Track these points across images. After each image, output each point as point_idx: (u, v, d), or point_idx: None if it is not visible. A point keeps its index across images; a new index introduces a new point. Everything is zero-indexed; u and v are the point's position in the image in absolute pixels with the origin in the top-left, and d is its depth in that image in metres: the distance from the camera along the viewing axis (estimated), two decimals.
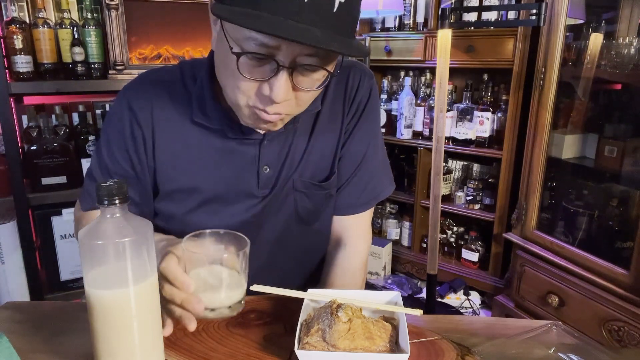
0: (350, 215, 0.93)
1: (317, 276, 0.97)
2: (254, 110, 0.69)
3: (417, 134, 2.51)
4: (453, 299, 2.33)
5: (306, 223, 0.90)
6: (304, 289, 0.72)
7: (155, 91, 0.80)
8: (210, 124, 0.79)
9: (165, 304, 0.63)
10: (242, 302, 0.67)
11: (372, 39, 2.53)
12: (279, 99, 0.64)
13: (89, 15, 1.60)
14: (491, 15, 2.16)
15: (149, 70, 0.84)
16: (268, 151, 0.82)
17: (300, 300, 0.70)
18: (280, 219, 0.88)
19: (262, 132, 0.80)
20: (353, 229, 0.94)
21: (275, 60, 0.62)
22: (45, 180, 1.60)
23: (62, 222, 1.65)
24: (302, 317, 0.67)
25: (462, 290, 2.36)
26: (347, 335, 0.61)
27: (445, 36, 1.74)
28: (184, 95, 0.80)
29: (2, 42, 1.54)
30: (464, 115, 2.31)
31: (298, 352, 0.59)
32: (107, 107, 1.80)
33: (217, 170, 0.82)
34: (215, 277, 0.65)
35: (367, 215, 0.95)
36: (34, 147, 1.57)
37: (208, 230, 0.68)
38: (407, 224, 2.65)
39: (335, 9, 0.59)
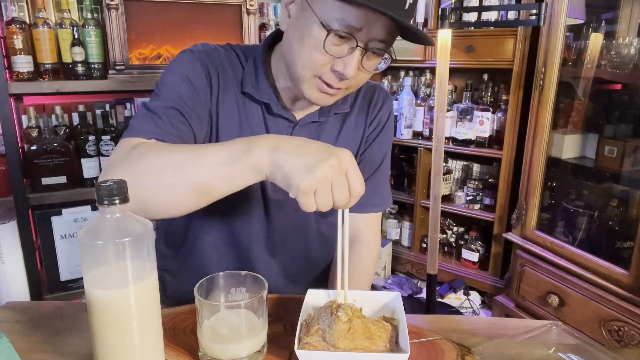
0: (365, 213, 1.01)
1: (327, 273, 1.02)
2: (319, 82, 0.77)
3: (417, 134, 2.51)
4: (453, 299, 2.33)
5: (322, 214, 0.96)
6: (316, 283, 0.73)
7: (218, 56, 0.86)
8: (258, 96, 0.85)
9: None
10: (263, 350, 0.63)
11: None
12: (351, 75, 0.74)
13: (89, 15, 1.60)
14: (491, 15, 2.16)
15: (200, 43, 0.89)
16: (298, 134, 0.88)
17: (300, 300, 0.70)
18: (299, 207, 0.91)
19: (297, 117, 0.88)
20: (367, 228, 1.01)
21: (355, 39, 0.71)
22: (45, 180, 1.60)
23: (62, 222, 1.65)
24: (302, 317, 0.67)
25: (462, 290, 2.36)
26: (347, 335, 0.61)
27: (445, 36, 1.73)
28: (237, 67, 0.87)
29: (2, 42, 1.54)
30: (464, 115, 2.31)
31: (298, 352, 0.59)
32: (107, 107, 1.80)
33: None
34: (233, 326, 0.61)
35: (378, 217, 1.05)
36: (34, 147, 1.57)
37: (221, 273, 0.66)
38: (407, 224, 2.65)
39: (407, 7, 0.71)
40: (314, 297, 0.71)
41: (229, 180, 0.63)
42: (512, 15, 2.10)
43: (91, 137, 1.66)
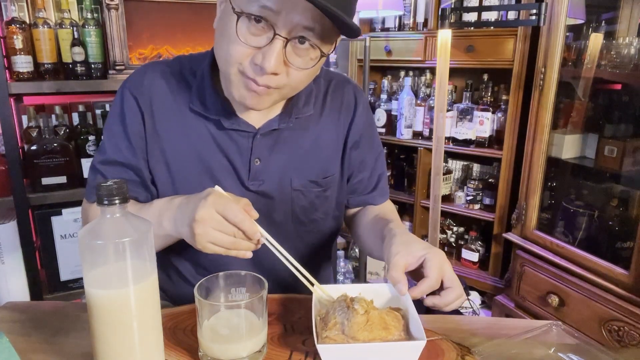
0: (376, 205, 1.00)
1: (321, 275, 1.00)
2: (244, 79, 0.71)
3: (417, 134, 2.51)
4: None
5: (302, 223, 0.93)
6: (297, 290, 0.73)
7: (154, 80, 0.84)
8: (207, 113, 0.83)
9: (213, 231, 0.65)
10: (263, 350, 0.63)
11: (372, 39, 2.52)
12: (270, 68, 0.67)
13: (89, 15, 1.60)
14: (491, 15, 2.16)
15: (148, 63, 0.89)
16: (260, 144, 0.85)
17: (300, 300, 0.70)
18: (276, 217, 0.90)
19: (256, 127, 0.84)
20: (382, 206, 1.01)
21: (273, 28, 0.66)
22: (45, 180, 1.59)
23: (62, 222, 1.64)
24: (315, 312, 0.67)
25: None
26: (366, 327, 0.62)
27: (445, 36, 1.74)
28: (182, 85, 0.85)
29: (2, 42, 1.54)
30: (464, 115, 2.31)
31: (319, 346, 0.59)
32: (107, 107, 1.80)
33: (212, 157, 0.85)
34: (233, 326, 0.61)
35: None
36: (34, 147, 1.57)
37: (221, 273, 0.66)
38: (407, 224, 2.65)
39: None
40: (321, 293, 0.72)
41: (158, 244, 0.76)
42: (512, 15, 2.10)
43: (91, 137, 1.66)
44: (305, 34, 0.67)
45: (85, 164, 1.66)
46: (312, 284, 0.71)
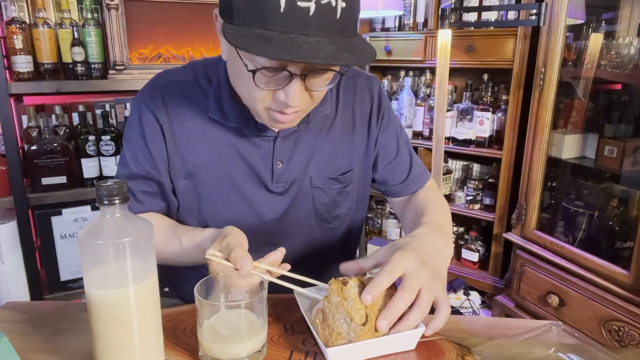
0: (413, 192, 0.99)
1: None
2: (272, 113, 0.73)
3: (417, 134, 2.51)
4: (453, 299, 2.33)
5: (325, 220, 0.94)
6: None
7: (169, 91, 0.84)
8: (227, 122, 0.83)
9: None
10: (263, 350, 0.63)
11: (372, 39, 2.53)
12: (295, 104, 0.68)
13: (89, 15, 1.60)
14: (491, 15, 2.16)
15: (161, 72, 0.88)
16: (282, 147, 0.86)
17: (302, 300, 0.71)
18: (299, 216, 0.91)
19: (276, 130, 0.85)
20: (425, 199, 0.96)
21: (288, 71, 0.65)
22: (45, 180, 1.60)
23: (62, 222, 1.64)
24: (306, 314, 0.67)
25: (462, 290, 2.36)
26: (369, 330, 0.61)
27: (445, 36, 1.74)
28: (198, 93, 0.84)
29: (2, 42, 1.54)
30: (464, 115, 2.31)
31: (329, 349, 0.60)
32: (107, 107, 1.80)
33: (233, 165, 0.86)
34: (233, 326, 0.61)
35: (431, 188, 1.01)
36: (34, 147, 1.57)
37: (221, 273, 0.66)
38: None
39: (338, 16, 0.61)
40: (305, 296, 0.72)
41: (188, 262, 0.82)
42: (512, 15, 2.10)
43: (91, 137, 1.66)
44: (318, 65, 0.66)
45: (86, 164, 1.66)
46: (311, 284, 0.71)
